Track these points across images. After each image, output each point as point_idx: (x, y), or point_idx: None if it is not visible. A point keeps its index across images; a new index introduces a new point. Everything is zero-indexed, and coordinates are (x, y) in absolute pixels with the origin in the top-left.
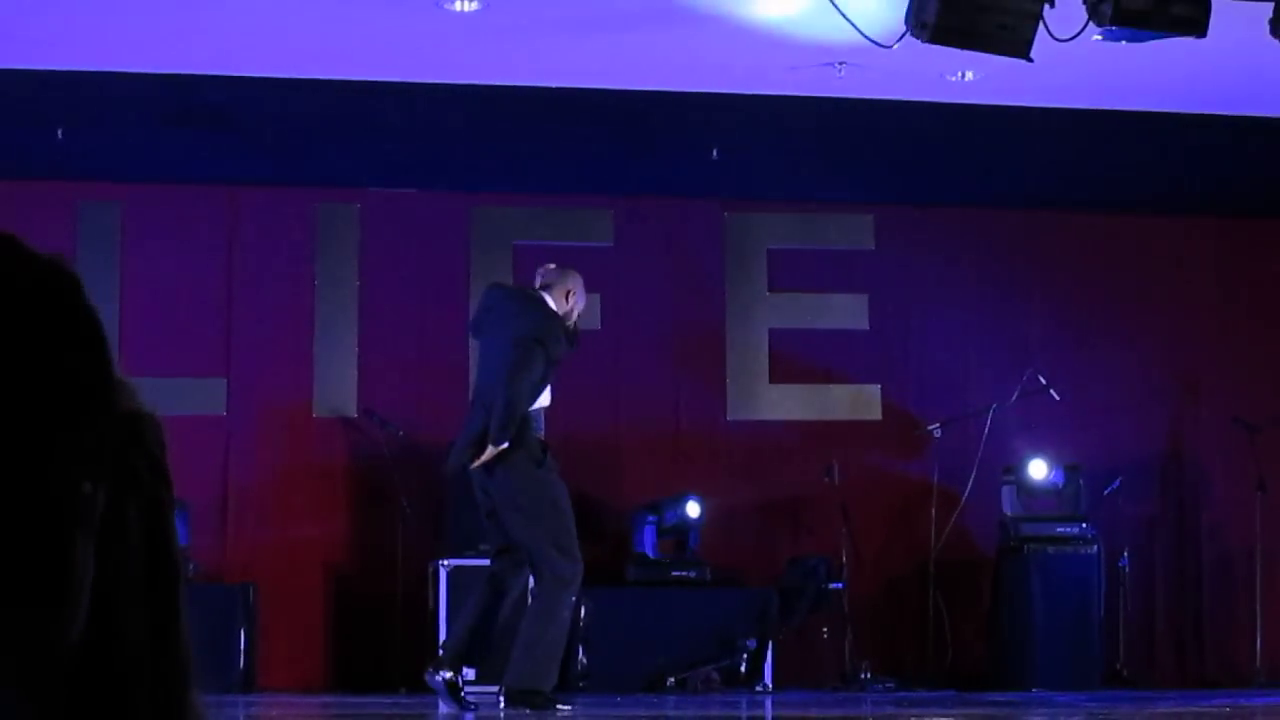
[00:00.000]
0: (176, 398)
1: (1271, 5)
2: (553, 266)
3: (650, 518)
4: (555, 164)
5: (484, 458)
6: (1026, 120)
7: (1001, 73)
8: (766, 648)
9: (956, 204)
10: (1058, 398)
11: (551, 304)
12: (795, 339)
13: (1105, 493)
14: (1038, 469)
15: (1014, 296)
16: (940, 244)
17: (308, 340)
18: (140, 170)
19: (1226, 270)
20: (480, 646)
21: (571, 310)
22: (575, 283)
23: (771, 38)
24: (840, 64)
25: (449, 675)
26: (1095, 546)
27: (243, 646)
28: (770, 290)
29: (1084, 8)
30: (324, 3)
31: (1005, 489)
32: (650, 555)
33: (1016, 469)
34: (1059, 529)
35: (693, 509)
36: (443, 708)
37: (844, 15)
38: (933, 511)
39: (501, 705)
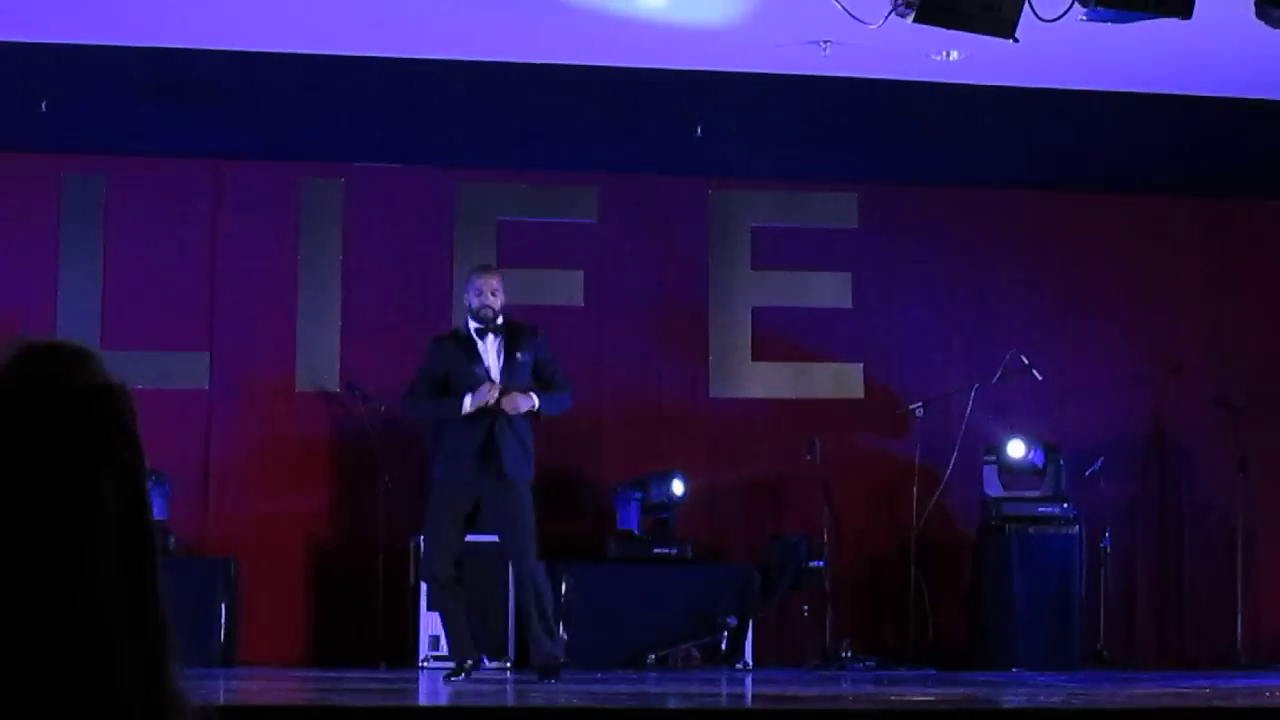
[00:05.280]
0: (159, 371)
1: None
2: None
3: (636, 494)
4: (540, 140)
5: None
6: (1011, 100)
7: (986, 52)
8: (747, 625)
9: (940, 183)
10: (1040, 378)
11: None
12: (778, 317)
13: (1087, 473)
14: (1015, 449)
15: (997, 276)
16: (924, 223)
17: (290, 314)
18: (124, 143)
19: (1210, 251)
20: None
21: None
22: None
23: (757, 16)
24: (825, 42)
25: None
26: (1077, 527)
27: (223, 620)
28: (753, 268)
29: None
30: None
31: (987, 469)
32: (632, 532)
33: (997, 449)
34: (1040, 509)
35: (678, 486)
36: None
37: None
38: (914, 490)
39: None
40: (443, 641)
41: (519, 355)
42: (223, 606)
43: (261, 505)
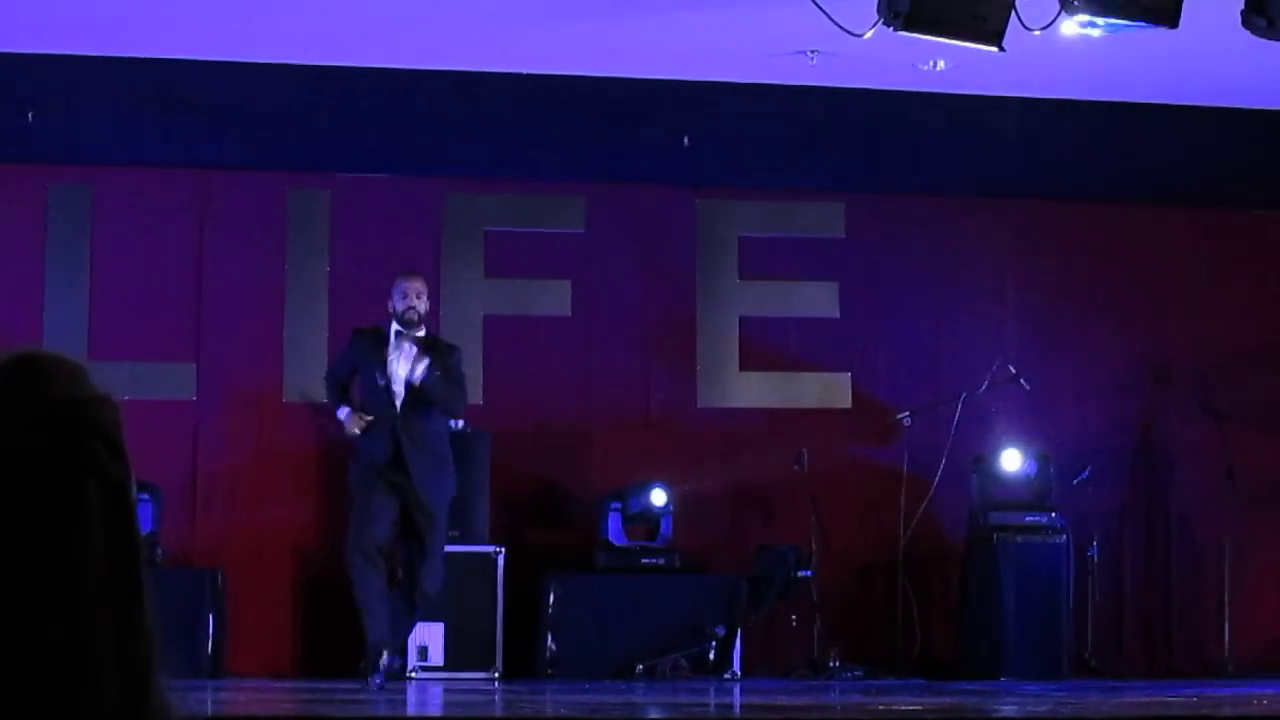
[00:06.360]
0: (146, 382)
1: None
2: None
3: (615, 504)
4: (528, 150)
5: None
6: (998, 110)
7: (973, 62)
8: (735, 635)
9: (927, 192)
10: (1027, 387)
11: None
12: (766, 327)
13: (1074, 482)
14: (1010, 459)
15: (984, 285)
16: (911, 232)
17: (278, 325)
18: (111, 153)
19: (1197, 260)
20: None
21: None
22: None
23: (744, 25)
24: (812, 52)
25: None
26: (1064, 536)
27: (211, 631)
28: (741, 278)
29: None
30: None
31: (975, 478)
32: (619, 542)
33: (988, 459)
34: (1028, 518)
35: (658, 497)
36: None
37: (816, 3)
38: (902, 500)
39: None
40: (430, 651)
41: (426, 368)
42: (210, 617)
43: (249, 516)
